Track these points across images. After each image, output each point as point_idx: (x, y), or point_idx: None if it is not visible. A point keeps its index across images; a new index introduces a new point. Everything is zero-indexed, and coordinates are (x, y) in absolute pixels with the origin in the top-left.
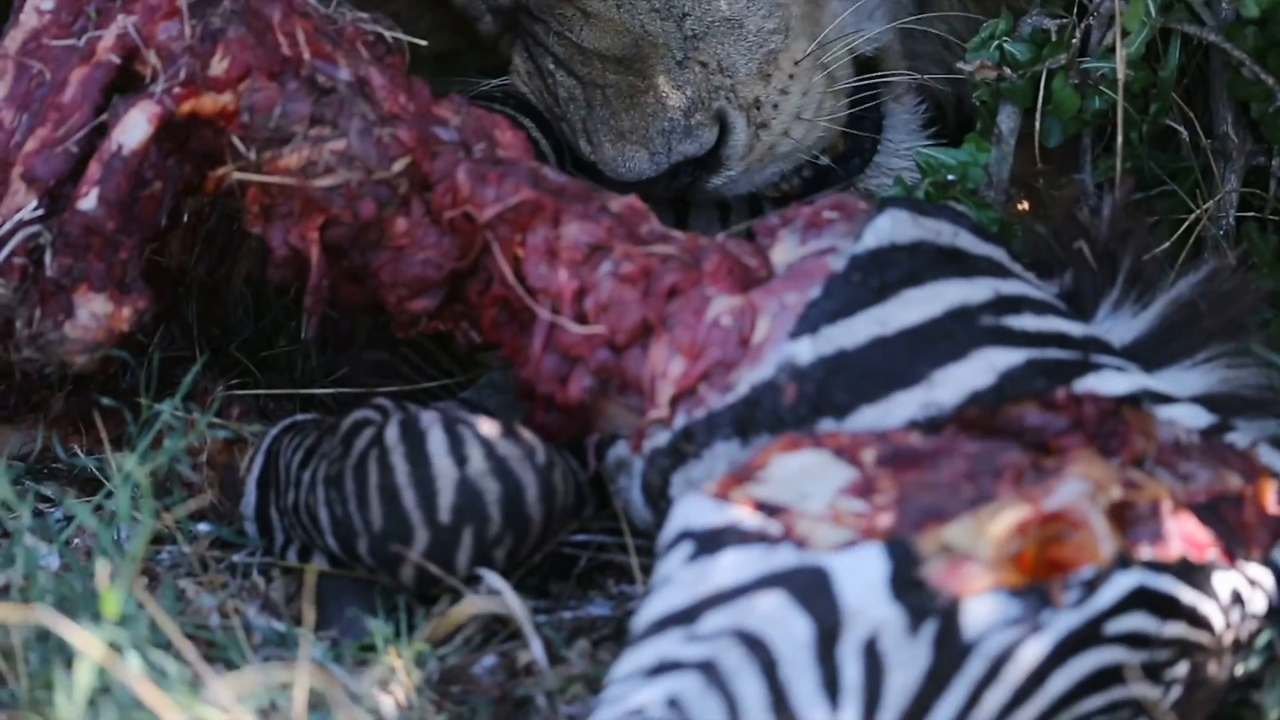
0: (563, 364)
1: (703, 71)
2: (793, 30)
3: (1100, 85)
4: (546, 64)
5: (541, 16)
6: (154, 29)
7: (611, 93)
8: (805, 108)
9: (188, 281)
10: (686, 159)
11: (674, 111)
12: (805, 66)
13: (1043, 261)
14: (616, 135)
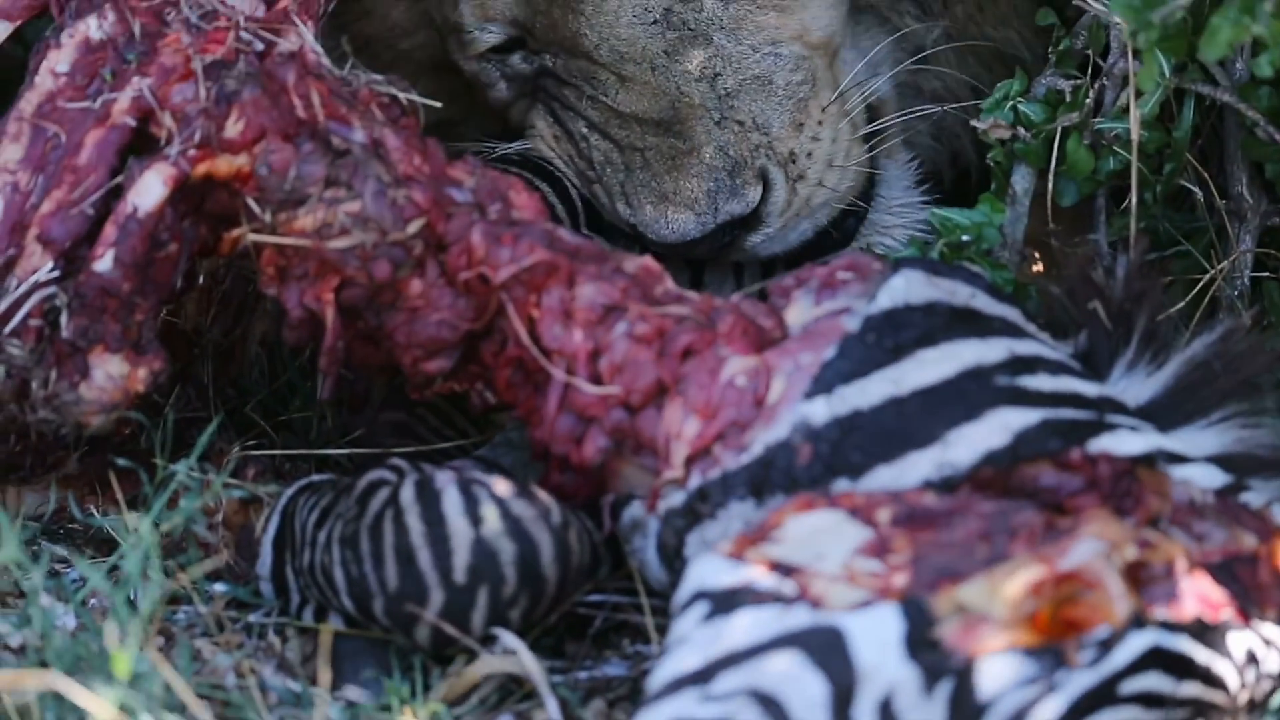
0: (578, 424)
1: (741, 130)
2: (818, 80)
3: (1114, 146)
4: (578, 128)
5: (572, 81)
6: (169, 91)
7: (652, 155)
8: (836, 154)
9: (203, 343)
10: (733, 219)
11: (720, 172)
12: (831, 113)
13: (1057, 322)
14: (659, 198)
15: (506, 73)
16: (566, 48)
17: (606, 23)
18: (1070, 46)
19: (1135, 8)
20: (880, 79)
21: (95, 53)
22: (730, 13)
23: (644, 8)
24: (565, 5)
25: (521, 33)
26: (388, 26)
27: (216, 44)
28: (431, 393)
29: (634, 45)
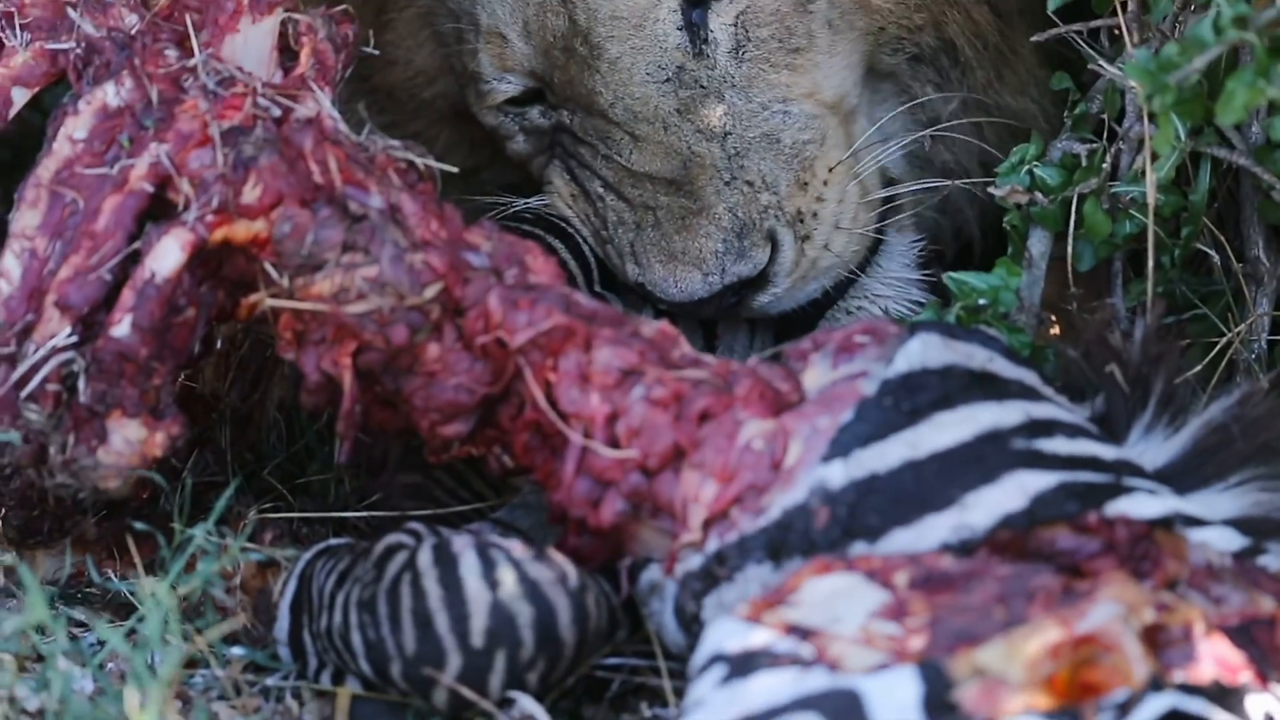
0: (595, 488)
1: (750, 191)
2: (828, 141)
3: (1131, 209)
4: (594, 187)
5: (587, 139)
6: (186, 157)
7: (663, 214)
8: (842, 216)
9: (221, 407)
10: (740, 279)
11: (728, 233)
12: (839, 174)
13: (1075, 385)
14: (668, 256)
15: (525, 126)
16: (583, 104)
17: (621, 80)
18: (1086, 110)
19: (1151, 71)
20: (892, 145)
21: (113, 119)
22: (743, 70)
23: (657, 65)
24: (582, 62)
25: (540, 85)
26: (411, 75)
27: (234, 110)
28: (449, 457)
29: (647, 104)
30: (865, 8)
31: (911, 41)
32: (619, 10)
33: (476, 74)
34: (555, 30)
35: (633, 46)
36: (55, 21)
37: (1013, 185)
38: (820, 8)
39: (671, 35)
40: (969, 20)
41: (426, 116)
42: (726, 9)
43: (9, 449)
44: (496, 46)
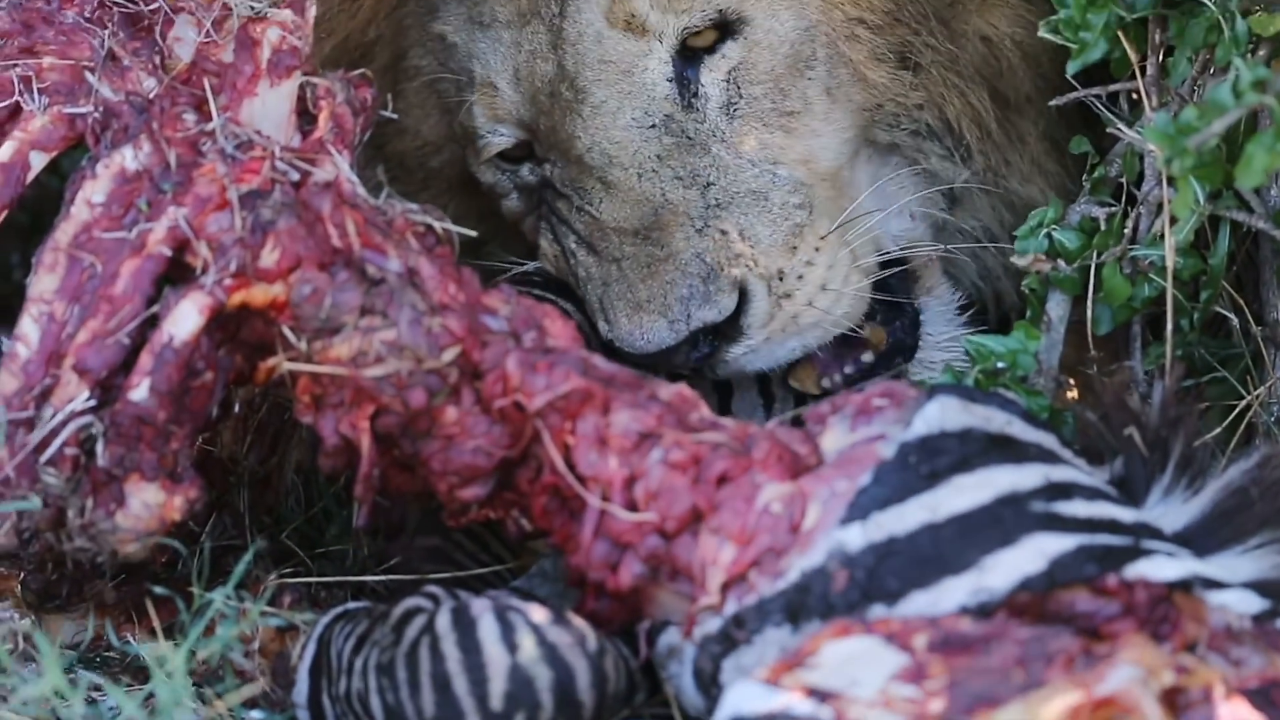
0: (613, 551)
1: (722, 239)
2: (816, 209)
3: (1150, 273)
4: (569, 244)
5: (564, 191)
6: (204, 221)
7: (628, 265)
8: (831, 279)
9: (239, 471)
10: (705, 326)
11: (692, 277)
12: (830, 242)
13: (1093, 448)
14: (633, 307)
15: (517, 183)
16: (563, 150)
17: (602, 125)
18: (1104, 174)
19: (1170, 135)
20: (904, 224)
21: (131, 183)
22: (734, 126)
23: (644, 111)
24: (566, 106)
25: (529, 136)
26: (420, 144)
27: (252, 174)
28: (467, 520)
29: (625, 149)
30: (863, 81)
31: (910, 119)
32: (608, 55)
33: (472, 129)
34: (543, 76)
35: (619, 91)
36: (73, 85)
37: (1035, 254)
38: (819, 74)
39: (660, 85)
40: (967, 105)
41: (435, 186)
42: (719, 64)
43: (28, 513)
44: (488, 97)
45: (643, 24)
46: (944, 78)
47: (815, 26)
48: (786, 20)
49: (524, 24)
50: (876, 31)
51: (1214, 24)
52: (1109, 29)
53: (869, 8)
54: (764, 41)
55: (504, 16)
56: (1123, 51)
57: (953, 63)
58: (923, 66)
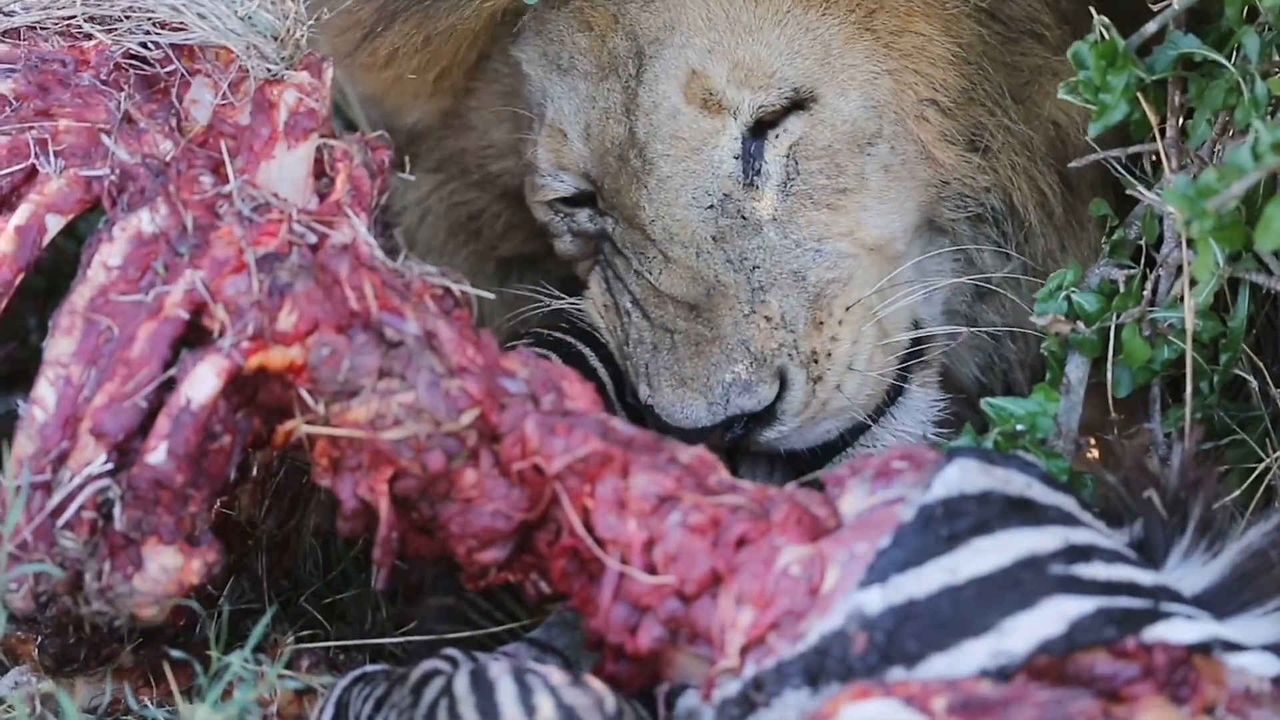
0: (632, 614)
1: (767, 326)
2: (854, 280)
3: (1169, 335)
4: (624, 302)
5: (624, 251)
6: (221, 284)
7: (680, 338)
8: (856, 357)
9: (257, 534)
10: (743, 413)
11: (738, 365)
12: (855, 313)
13: (1113, 510)
14: (678, 381)
15: (573, 228)
16: (626, 216)
17: (666, 200)
18: (1124, 236)
19: (1189, 197)
20: (929, 311)
21: (148, 246)
22: (786, 205)
23: (705, 191)
24: (633, 174)
25: (591, 188)
26: (485, 145)
27: (269, 236)
28: (486, 583)
29: (686, 227)
30: (930, 160)
31: (975, 201)
32: (681, 131)
33: (535, 166)
34: (614, 137)
35: (685, 169)
36: (89, 148)
37: (1054, 315)
38: (881, 151)
39: (727, 163)
40: (1035, 190)
41: (490, 192)
42: (781, 139)
43: (45, 576)
44: (555, 142)
45: (719, 101)
46: (1013, 161)
47: (884, 105)
48: (854, 99)
49: (601, 78)
50: (948, 114)
51: (1233, 86)
52: (1129, 90)
53: (943, 89)
54: (828, 119)
55: (582, 66)
56: (1142, 113)
57: (1024, 146)
58: (992, 150)
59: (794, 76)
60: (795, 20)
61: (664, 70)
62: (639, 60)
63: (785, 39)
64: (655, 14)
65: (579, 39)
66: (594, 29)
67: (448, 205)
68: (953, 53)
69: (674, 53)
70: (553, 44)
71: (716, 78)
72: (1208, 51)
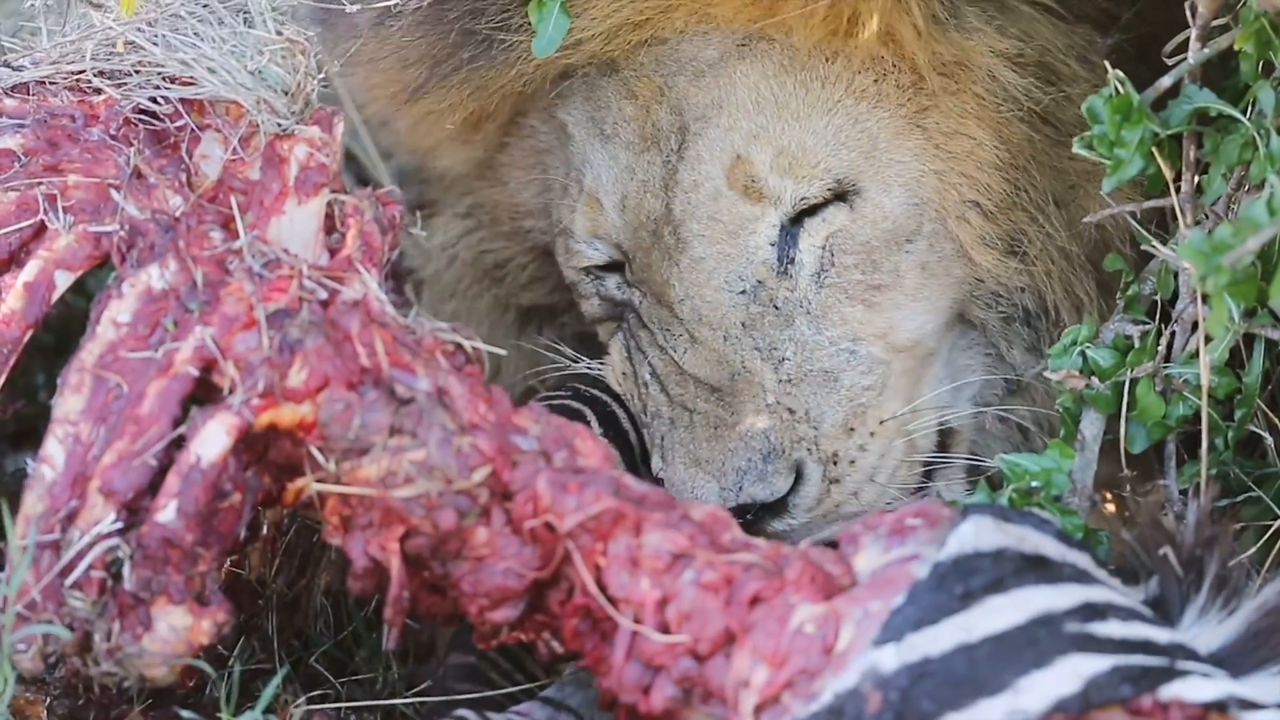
0: (645, 673)
1: (790, 418)
2: (888, 389)
3: (1184, 391)
4: (644, 372)
5: (649, 325)
6: (231, 340)
7: (698, 418)
8: (880, 470)
9: (268, 593)
10: (755, 502)
11: (754, 453)
12: (890, 428)
13: (1128, 567)
14: (692, 460)
15: (601, 291)
16: (654, 291)
17: (697, 281)
18: (1139, 291)
19: (1204, 252)
20: (960, 407)
21: (157, 302)
22: (820, 298)
23: (738, 275)
24: (665, 251)
25: (622, 258)
26: (515, 203)
27: (279, 292)
28: (498, 642)
29: (716, 310)
30: (966, 259)
31: (1008, 301)
32: (719, 215)
33: (569, 231)
34: (650, 212)
35: (720, 252)
36: (98, 204)
37: (1068, 370)
38: (919, 249)
39: (763, 249)
40: (1069, 293)
41: (518, 244)
42: (818, 228)
43: (54, 637)
44: (593, 211)
45: (760, 189)
46: (1050, 267)
47: (926, 204)
48: (897, 195)
49: (643, 150)
50: (989, 217)
51: (1249, 141)
52: (1144, 145)
53: (987, 192)
54: (870, 215)
55: (625, 135)
56: (1158, 168)
57: (1062, 253)
58: (1030, 255)
59: (838, 168)
60: (845, 111)
61: (708, 150)
62: (682, 136)
63: (832, 129)
64: (704, 90)
65: (625, 107)
66: (639, 99)
67: (475, 253)
68: (1000, 158)
69: (719, 134)
70: (600, 110)
71: (760, 164)
72: (1223, 106)
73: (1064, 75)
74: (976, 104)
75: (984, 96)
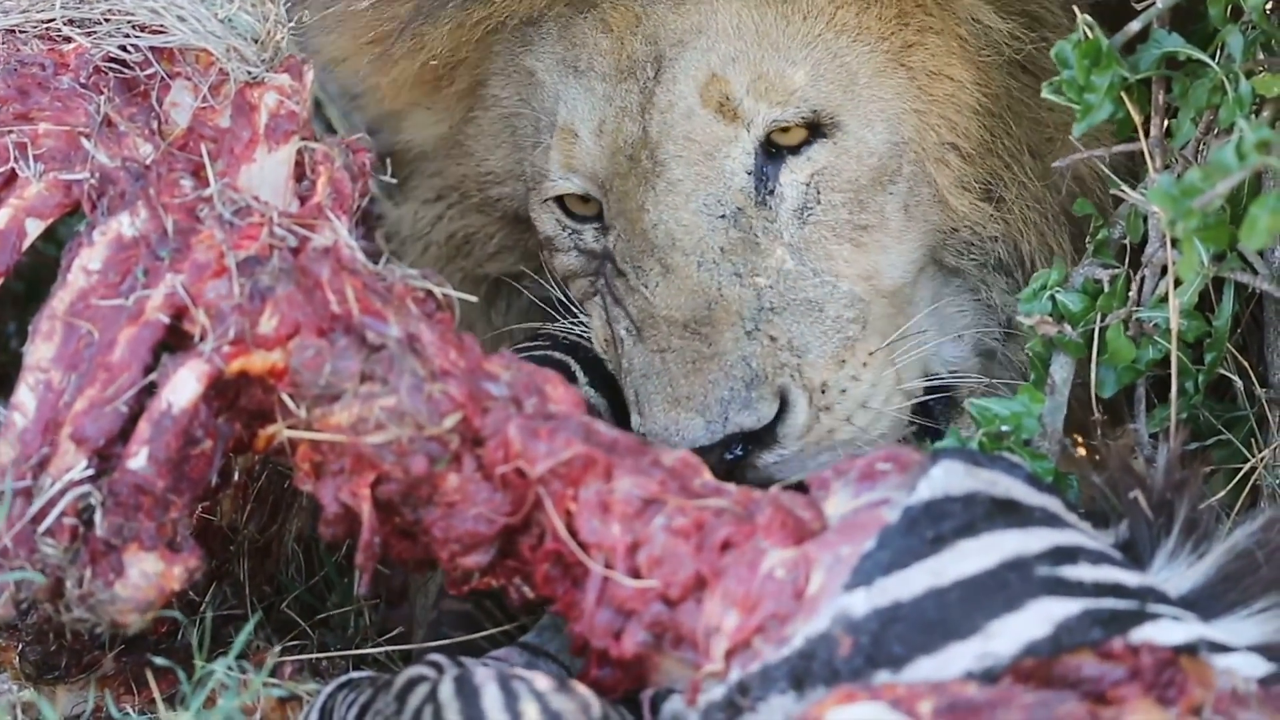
0: (616, 619)
1: (771, 345)
2: (870, 325)
3: (1154, 335)
4: (619, 330)
5: (623, 268)
6: (202, 288)
7: (673, 357)
8: (872, 397)
9: (239, 540)
10: (742, 431)
11: (736, 380)
12: (879, 359)
13: (1098, 511)
14: (671, 402)
15: (580, 244)
16: (629, 219)
17: (673, 204)
18: (1108, 236)
19: (1173, 196)
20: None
21: (128, 250)
22: (804, 233)
23: (716, 199)
24: (642, 175)
25: (599, 193)
26: (483, 171)
27: (250, 240)
28: (470, 588)
29: (691, 234)
30: (943, 204)
31: (981, 249)
32: (694, 133)
33: (543, 171)
34: (627, 136)
35: (697, 174)
36: (69, 152)
37: (1040, 315)
38: (900, 190)
39: (739, 176)
40: (1043, 243)
41: (487, 214)
42: (802, 165)
43: (26, 583)
44: (567, 143)
45: (735, 109)
46: (1025, 215)
47: (907, 143)
48: (880, 132)
49: (620, 80)
50: (967, 160)
51: (1217, 85)
52: (1113, 90)
53: (964, 135)
54: (854, 150)
55: (600, 68)
56: (1127, 113)
57: (1038, 201)
58: (1006, 201)
59: (815, 98)
60: (825, 45)
61: (684, 71)
62: (659, 64)
63: (811, 61)
64: (683, 16)
65: (600, 41)
66: (614, 30)
67: (446, 233)
68: (979, 102)
69: (697, 55)
70: (574, 48)
71: (736, 85)
72: (1192, 50)
73: (1047, 22)
74: (960, 46)
75: (967, 39)
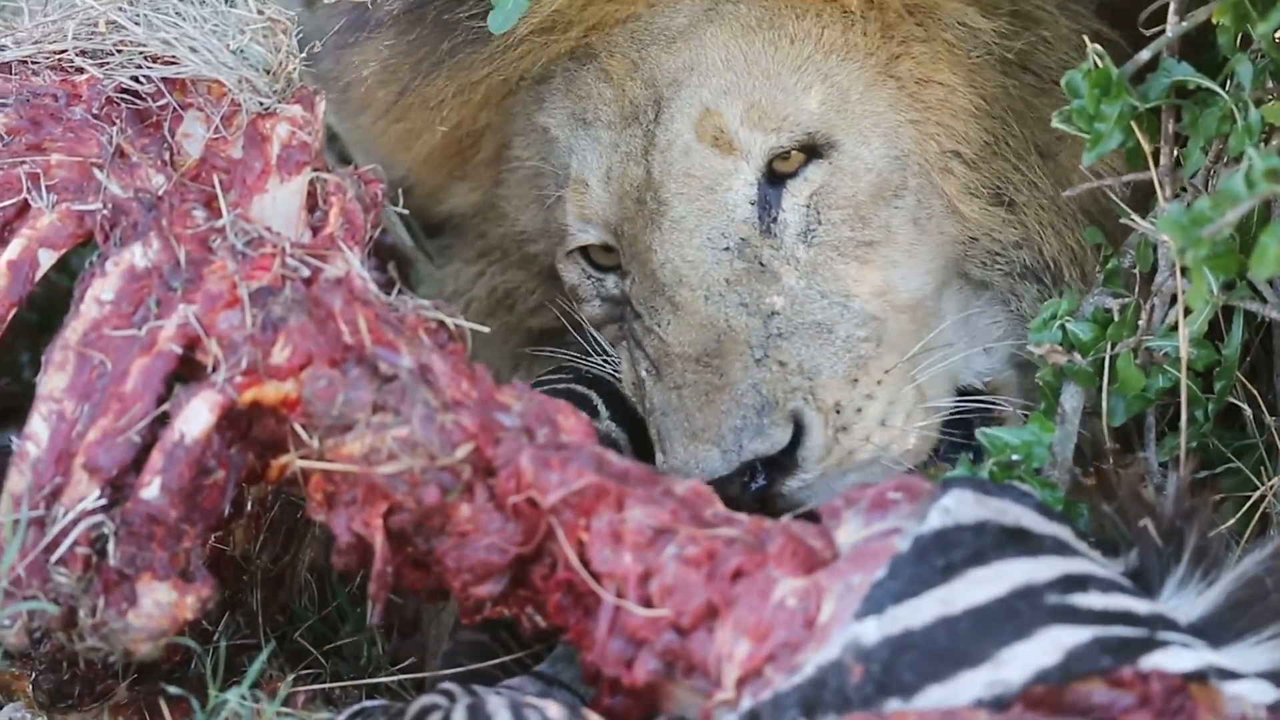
0: (628, 647)
1: (780, 370)
2: (885, 342)
3: (1164, 363)
4: (641, 371)
5: (639, 310)
6: (215, 318)
7: (688, 392)
8: (891, 415)
9: (252, 569)
10: (758, 457)
11: (747, 408)
12: (895, 376)
13: (1108, 539)
14: (689, 436)
15: (601, 292)
16: (640, 261)
17: (678, 241)
18: (1118, 265)
19: (1183, 225)
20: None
21: (140, 280)
22: (809, 255)
23: (720, 232)
24: (649, 216)
25: (614, 240)
26: (518, 231)
27: (262, 270)
28: (482, 617)
29: (696, 269)
30: (956, 214)
31: (1005, 258)
32: (694, 169)
33: (563, 226)
34: (633, 180)
35: (699, 208)
36: (82, 182)
37: (1051, 345)
38: (908, 204)
39: (742, 207)
40: (1065, 245)
41: (527, 270)
42: (800, 187)
43: (39, 613)
44: (579, 193)
45: (730, 141)
46: (1041, 217)
47: (908, 156)
48: (877, 147)
49: (624, 127)
50: (972, 166)
51: (1227, 114)
52: (1123, 119)
53: (964, 140)
54: (849, 168)
55: (606, 117)
56: (1137, 142)
57: (1051, 201)
58: (1018, 204)
59: (807, 121)
60: (814, 66)
61: (680, 109)
62: (658, 105)
63: (802, 85)
64: (675, 55)
65: (603, 90)
66: (614, 78)
67: (488, 288)
68: (975, 105)
69: (690, 92)
70: (580, 100)
71: (729, 116)
72: (1201, 79)
73: (1038, 19)
74: (947, 50)
75: (954, 43)
